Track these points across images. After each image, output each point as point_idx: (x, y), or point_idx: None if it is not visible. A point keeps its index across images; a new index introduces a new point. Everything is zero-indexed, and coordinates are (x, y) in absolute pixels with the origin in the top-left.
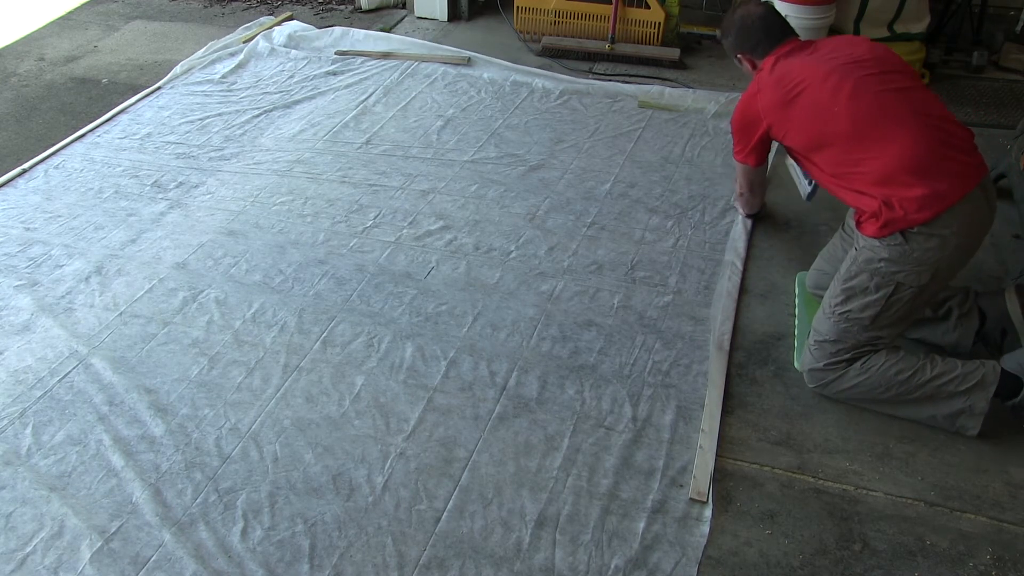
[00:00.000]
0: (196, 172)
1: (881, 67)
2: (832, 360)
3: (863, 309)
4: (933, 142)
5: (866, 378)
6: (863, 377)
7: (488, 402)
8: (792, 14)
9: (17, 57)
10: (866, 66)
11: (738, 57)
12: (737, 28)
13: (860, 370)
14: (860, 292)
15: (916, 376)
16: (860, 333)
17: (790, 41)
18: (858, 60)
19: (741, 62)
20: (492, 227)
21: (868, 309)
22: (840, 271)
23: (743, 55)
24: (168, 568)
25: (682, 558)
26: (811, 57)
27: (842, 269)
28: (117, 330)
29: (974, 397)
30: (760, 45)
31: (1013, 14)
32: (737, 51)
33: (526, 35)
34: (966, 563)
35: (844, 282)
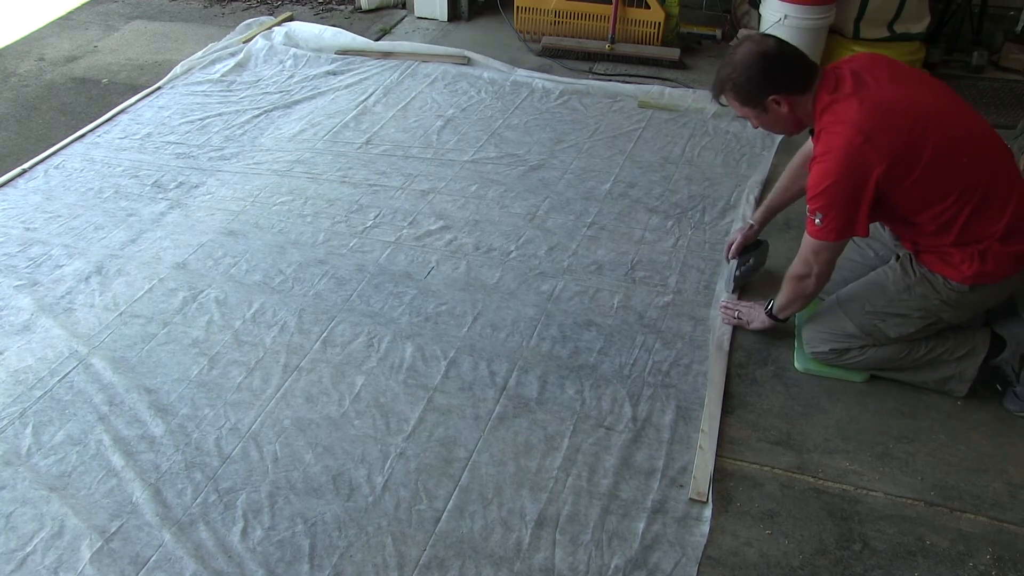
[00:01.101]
0: (196, 172)
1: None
2: (839, 346)
3: (897, 327)
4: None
5: (864, 358)
6: (861, 357)
7: (488, 402)
8: (792, 14)
9: (17, 57)
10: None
11: (768, 102)
12: (761, 64)
13: (859, 353)
14: (901, 315)
15: (911, 354)
16: (879, 337)
17: (826, 71)
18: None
19: (765, 110)
20: (492, 227)
21: (901, 328)
22: (887, 287)
23: (780, 96)
24: (168, 568)
25: (682, 558)
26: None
27: (890, 286)
28: (117, 330)
29: (964, 364)
30: (799, 78)
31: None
32: (769, 93)
33: (526, 35)
34: (966, 563)
35: (889, 300)
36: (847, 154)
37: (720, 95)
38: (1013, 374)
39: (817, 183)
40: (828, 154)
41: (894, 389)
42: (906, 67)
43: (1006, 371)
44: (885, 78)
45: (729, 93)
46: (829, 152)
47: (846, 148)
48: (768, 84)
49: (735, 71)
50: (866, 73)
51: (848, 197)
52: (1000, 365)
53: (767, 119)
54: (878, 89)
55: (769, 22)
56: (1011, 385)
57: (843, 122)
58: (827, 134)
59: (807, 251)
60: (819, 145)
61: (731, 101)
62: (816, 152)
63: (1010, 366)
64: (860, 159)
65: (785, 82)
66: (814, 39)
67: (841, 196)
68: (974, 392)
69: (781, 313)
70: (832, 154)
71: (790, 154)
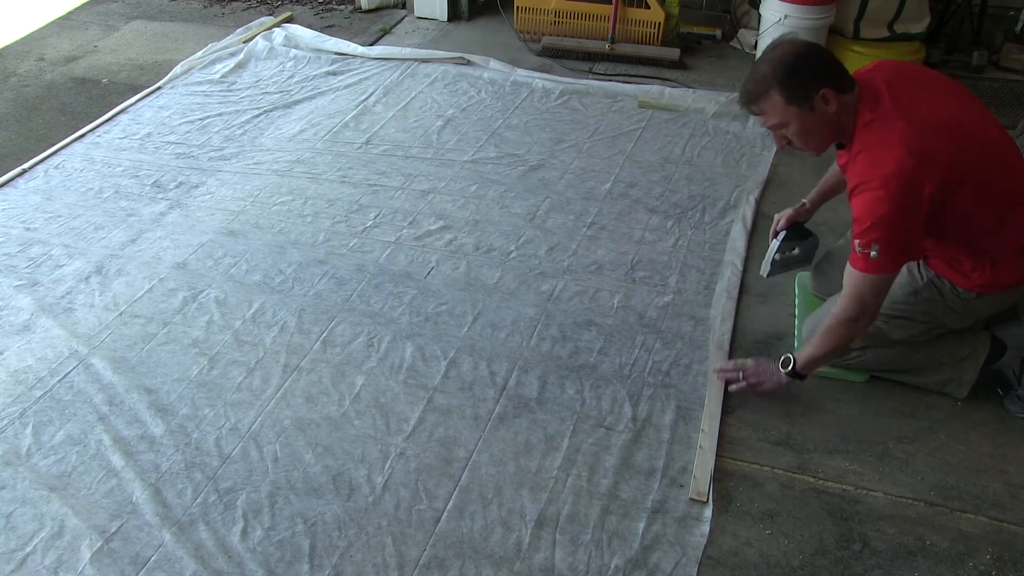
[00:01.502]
0: (196, 172)
1: (996, 124)
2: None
3: (900, 329)
4: None
5: (864, 359)
6: (862, 358)
7: (488, 402)
8: (792, 14)
9: (17, 57)
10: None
11: (818, 98)
12: (809, 55)
13: (860, 353)
14: (905, 318)
15: (911, 355)
16: (881, 339)
17: (862, 85)
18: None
19: (813, 108)
20: (492, 227)
21: (904, 331)
22: (892, 290)
23: (831, 91)
24: (168, 568)
25: (682, 558)
26: (927, 101)
27: (895, 290)
28: (117, 330)
29: (964, 367)
30: (845, 76)
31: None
32: (821, 85)
33: (526, 35)
34: (966, 563)
35: (894, 303)
36: (900, 179)
37: (758, 97)
38: (1014, 377)
39: (869, 213)
40: (877, 181)
41: (894, 389)
42: (932, 74)
43: (1007, 375)
44: (919, 92)
45: (772, 92)
46: (878, 179)
47: (899, 173)
48: (819, 75)
49: (780, 65)
50: (900, 87)
51: (906, 223)
52: (1001, 369)
53: (810, 122)
54: (917, 106)
55: (769, 22)
56: (1012, 389)
57: (889, 144)
58: (872, 157)
59: (861, 289)
60: (861, 168)
61: (771, 100)
62: (859, 176)
63: (1011, 370)
64: (913, 182)
65: (833, 75)
66: (814, 39)
67: (898, 224)
68: (974, 393)
69: (809, 368)
70: (883, 181)
71: (791, 154)
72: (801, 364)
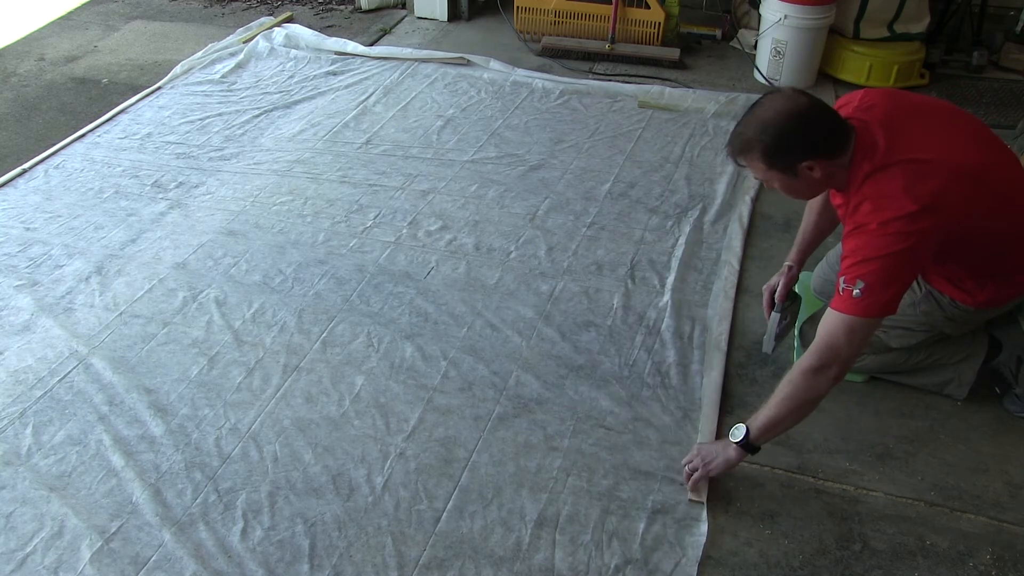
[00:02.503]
0: (196, 172)
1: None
2: None
3: (899, 338)
4: None
5: (863, 364)
6: (861, 363)
7: (488, 402)
8: (792, 14)
9: (17, 57)
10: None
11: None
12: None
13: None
14: (903, 327)
15: (910, 359)
16: (880, 347)
17: (859, 133)
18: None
19: (796, 175)
20: (492, 227)
21: (903, 339)
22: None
23: (815, 161)
24: (168, 568)
25: (682, 558)
26: (928, 138)
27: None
28: (117, 330)
29: (962, 368)
30: (836, 141)
31: (1013, 14)
32: (804, 158)
33: (526, 35)
34: (966, 563)
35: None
36: (905, 227)
37: (740, 156)
38: (1011, 376)
39: (864, 251)
40: (875, 224)
41: (894, 390)
42: (929, 104)
43: (1003, 373)
44: (918, 130)
45: (754, 155)
46: (877, 223)
47: (904, 221)
48: (804, 148)
49: (764, 132)
50: (898, 127)
51: (903, 270)
52: (997, 368)
53: (794, 185)
54: (917, 149)
55: (769, 22)
56: (1010, 387)
57: (892, 193)
58: (874, 205)
59: (835, 333)
60: (861, 215)
61: (753, 163)
62: (858, 221)
63: (1007, 368)
64: (920, 232)
65: (822, 146)
66: (814, 39)
67: (896, 268)
68: (974, 393)
69: (766, 435)
70: (888, 226)
71: None
72: (756, 432)
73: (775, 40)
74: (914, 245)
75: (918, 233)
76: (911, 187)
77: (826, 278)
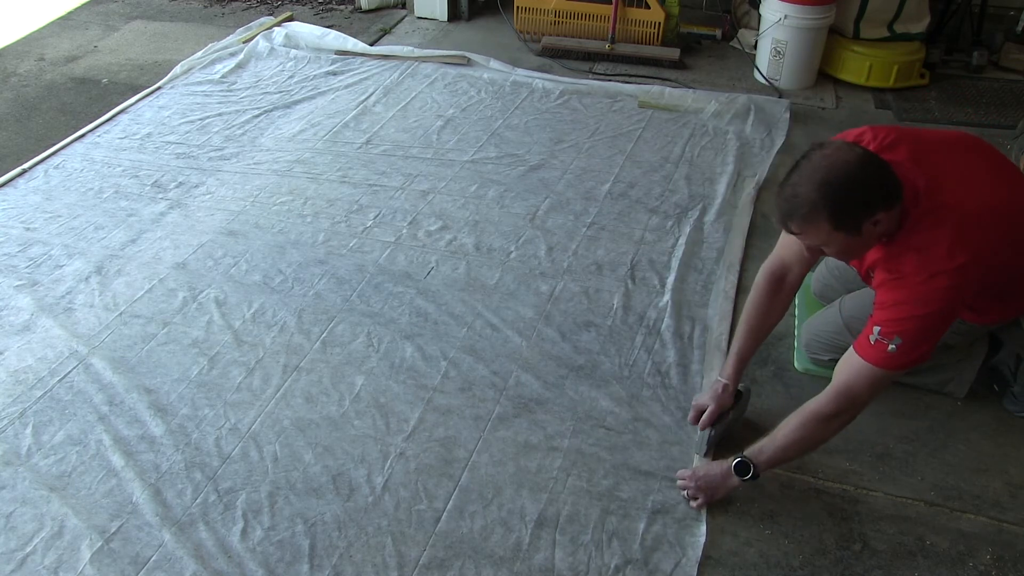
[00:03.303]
0: (196, 172)
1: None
2: (839, 356)
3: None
4: None
5: None
6: None
7: (488, 402)
8: (792, 14)
9: (17, 57)
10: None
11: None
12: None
13: None
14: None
15: None
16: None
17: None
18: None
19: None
20: (492, 227)
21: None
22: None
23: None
24: (168, 568)
25: (682, 558)
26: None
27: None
28: (117, 330)
29: (963, 367)
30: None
31: (1013, 14)
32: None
33: (526, 35)
34: (966, 563)
35: None
36: (952, 281)
37: (802, 224)
38: (1010, 374)
39: (908, 307)
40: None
41: (894, 390)
42: (948, 137)
43: (1002, 372)
44: (949, 169)
45: (822, 219)
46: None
47: (951, 275)
48: (872, 203)
49: (829, 192)
50: (929, 168)
51: (942, 325)
52: (996, 366)
53: (853, 244)
54: (956, 192)
55: (769, 22)
56: (1008, 386)
57: (940, 244)
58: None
59: (858, 382)
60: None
61: (818, 228)
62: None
63: (1006, 367)
64: (965, 286)
65: (885, 197)
66: (814, 39)
67: (936, 325)
68: (974, 392)
69: (770, 467)
70: (933, 280)
71: (792, 155)
72: (763, 468)
73: (775, 40)
74: (956, 298)
75: (964, 286)
76: (957, 240)
77: (826, 283)
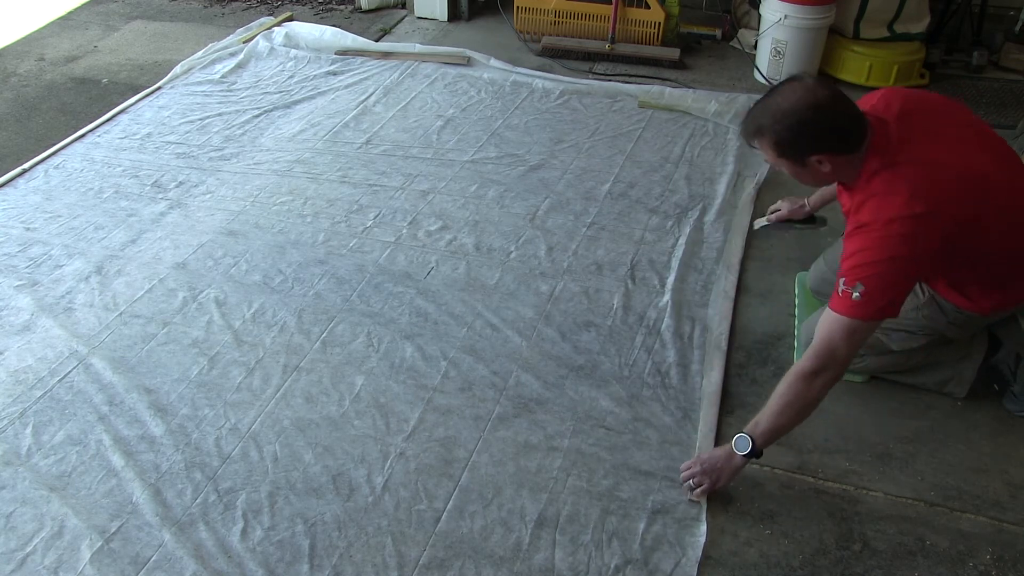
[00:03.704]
0: (196, 172)
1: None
2: None
3: (899, 341)
4: None
5: (863, 364)
6: (861, 364)
7: (488, 402)
8: (792, 14)
9: (17, 57)
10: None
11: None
12: (812, 119)
13: (859, 360)
14: (905, 331)
15: (910, 359)
16: (881, 349)
17: (874, 128)
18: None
19: (804, 166)
20: (492, 227)
21: (904, 343)
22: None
23: (825, 156)
24: (168, 568)
25: (682, 558)
26: (945, 145)
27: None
28: (117, 330)
29: (963, 366)
30: (850, 138)
31: (1013, 14)
32: (814, 152)
33: (526, 35)
34: (966, 563)
35: (894, 319)
36: (909, 229)
37: (752, 139)
38: (1010, 373)
39: (866, 253)
40: (879, 224)
41: (894, 389)
42: (947, 104)
43: (1002, 371)
44: (935, 129)
45: (765, 142)
46: (881, 223)
47: (908, 222)
48: (815, 142)
49: (778, 122)
50: (916, 126)
51: (905, 275)
52: (996, 365)
53: (802, 174)
54: (931, 150)
55: (769, 22)
56: (1008, 385)
57: (899, 192)
58: (879, 204)
59: (833, 334)
60: (864, 214)
61: (764, 148)
62: (860, 221)
63: (1006, 365)
64: (924, 236)
65: (834, 142)
66: (814, 39)
67: (898, 273)
68: (974, 392)
69: (771, 440)
70: (891, 225)
71: None
72: (761, 441)
73: (775, 40)
74: (916, 249)
75: (922, 237)
76: (918, 189)
77: (824, 278)
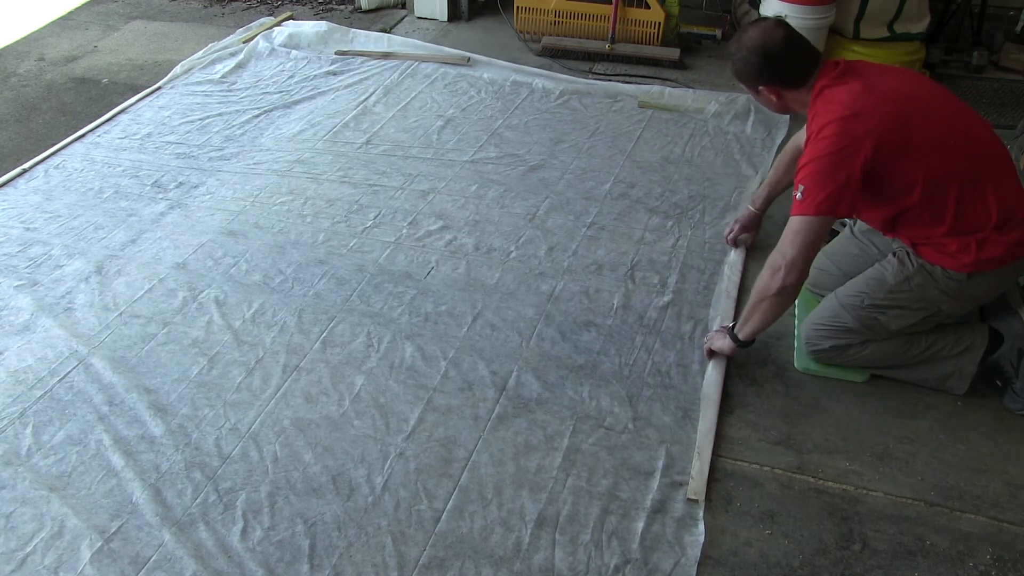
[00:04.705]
0: (196, 172)
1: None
2: (839, 342)
3: (897, 319)
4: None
5: (865, 353)
6: (863, 353)
7: (488, 402)
8: (792, 14)
9: (17, 57)
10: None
11: (760, 89)
12: (759, 57)
13: (860, 348)
14: (901, 307)
15: (911, 349)
16: (880, 331)
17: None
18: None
19: (756, 92)
20: (492, 227)
21: (900, 320)
22: (885, 279)
23: (771, 88)
24: (168, 568)
25: (682, 558)
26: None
27: (888, 278)
28: (117, 330)
29: (963, 360)
30: (794, 75)
31: (1013, 14)
32: (761, 83)
33: (526, 35)
34: (966, 563)
35: (889, 292)
36: (836, 129)
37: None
38: (1012, 369)
39: (805, 158)
40: (819, 131)
41: (894, 389)
42: (907, 69)
43: (1004, 367)
44: (879, 70)
45: (729, 68)
46: (820, 129)
47: (836, 124)
48: (761, 76)
49: (736, 53)
50: (865, 67)
51: (835, 170)
52: (998, 361)
53: (759, 99)
54: (870, 78)
55: None
56: (1010, 381)
57: (833, 102)
58: (819, 115)
59: (786, 235)
60: (811, 126)
61: (731, 71)
62: (809, 132)
63: (1008, 361)
64: (849, 134)
65: (779, 78)
66: (814, 39)
67: (828, 168)
68: (974, 392)
69: (744, 330)
70: (822, 131)
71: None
72: (739, 325)
73: None
74: (844, 146)
75: (848, 134)
76: (850, 100)
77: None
